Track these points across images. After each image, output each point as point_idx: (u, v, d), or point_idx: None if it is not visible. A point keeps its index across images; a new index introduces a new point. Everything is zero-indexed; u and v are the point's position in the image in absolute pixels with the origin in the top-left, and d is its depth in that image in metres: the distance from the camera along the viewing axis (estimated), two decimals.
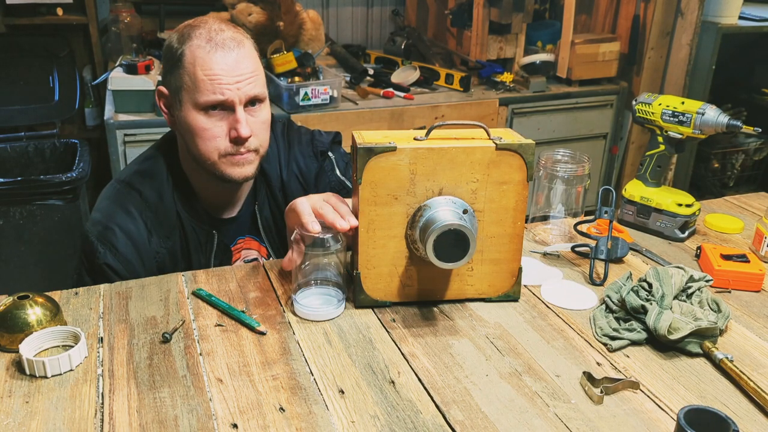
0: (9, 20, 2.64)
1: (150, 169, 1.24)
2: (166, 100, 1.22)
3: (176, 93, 1.17)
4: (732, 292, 1.13)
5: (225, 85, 1.12)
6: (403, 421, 0.80)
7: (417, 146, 0.96)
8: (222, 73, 1.12)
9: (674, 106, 1.29)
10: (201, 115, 1.14)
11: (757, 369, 0.92)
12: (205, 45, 1.13)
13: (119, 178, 1.26)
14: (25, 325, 0.90)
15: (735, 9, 2.87)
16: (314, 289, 1.04)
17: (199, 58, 1.12)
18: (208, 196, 1.27)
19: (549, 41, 2.92)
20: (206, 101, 1.13)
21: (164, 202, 1.22)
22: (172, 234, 1.23)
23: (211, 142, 1.15)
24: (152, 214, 1.21)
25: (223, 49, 1.13)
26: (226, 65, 1.12)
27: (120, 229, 1.17)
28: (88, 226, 1.20)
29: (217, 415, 0.80)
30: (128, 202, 1.20)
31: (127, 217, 1.19)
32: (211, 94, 1.12)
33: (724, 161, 3.32)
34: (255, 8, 2.55)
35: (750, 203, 1.53)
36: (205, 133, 1.15)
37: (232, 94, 1.13)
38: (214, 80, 1.12)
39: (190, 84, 1.13)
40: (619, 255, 1.19)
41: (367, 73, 2.67)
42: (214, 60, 1.12)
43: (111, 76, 2.18)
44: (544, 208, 1.29)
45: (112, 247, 1.16)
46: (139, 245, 1.19)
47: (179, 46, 1.15)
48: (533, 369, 0.91)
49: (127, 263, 1.17)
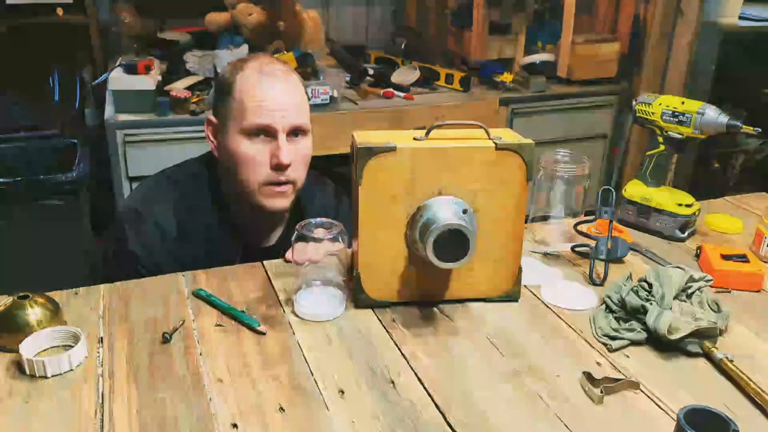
0: (9, 20, 2.64)
1: (197, 174, 1.28)
2: (213, 129, 1.25)
3: (224, 121, 1.21)
4: (732, 292, 1.13)
5: (270, 111, 1.17)
6: (403, 422, 0.80)
7: (417, 146, 0.96)
8: (269, 100, 1.17)
9: (674, 106, 1.29)
10: (245, 141, 1.18)
11: (757, 369, 0.92)
12: (255, 74, 1.19)
13: (166, 173, 1.30)
14: (25, 325, 0.90)
15: (735, 9, 2.87)
16: (316, 289, 1.04)
17: (248, 85, 1.18)
18: (244, 224, 1.29)
19: (549, 41, 2.91)
20: (250, 125, 1.17)
21: (202, 211, 1.25)
22: (200, 245, 1.24)
23: (253, 169, 1.19)
24: (187, 217, 1.23)
25: (272, 78, 1.18)
26: (274, 93, 1.18)
27: (152, 218, 1.21)
28: (124, 207, 1.25)
29: (217, 416, 0.80)
30: (169, 196, 1.24)
31: (164, 210, 1.22)
32: (256, 118, 1.16)
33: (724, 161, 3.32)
34: (255, 8, 2.55)
35: (750, 203, 1.53)
36: (247, 158, 1.18)
37: (275, 121, 1.17)
38: (260, 106, 1.17)
39: (238, 111, 1.18)
40: (619, 255, 1.19)
41: (367, 73, 2.67)
42: (263, 88, 1.17)
43: (111, 76, 2.18)
44: (544, 208, 1.28)
45: (141, 234, 1.20)
46: (167, 240, 1.21)
47: (231, 76, 1.20)
48: (533, 369, 0.91)
49: (150, 253, 1.19)
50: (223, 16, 2.65)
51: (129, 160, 2.15)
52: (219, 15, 2.66)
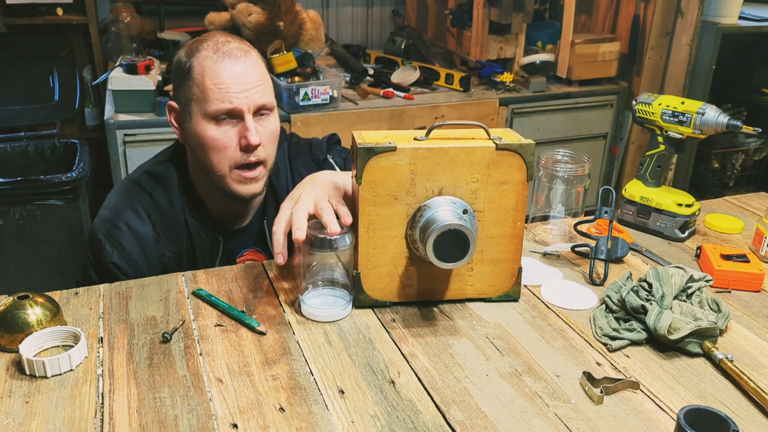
0: (9, 20, 2.64)
1: (161, 173, 1.25)
2: (176, 115, 1.23)
3: (186, 105, 1.18)
4: (732, 292, 1.13)
5: (233, 93, 1.13)
6: (403, 421, 0.80)
7: (417, 146, 0.96)
8: (230, 82, 1.13)
9: (674, 106, 1.29)
10: (211, 125, 1.15)
11: (757, 369, 0.92)
12: (212, 55, 1.15)
13: (130, 177, 1.27)
14: (25, 325, 0.90)
15: (735, 9, 2.87)
16: (321, 290, 1.04)
17: (207, 68, 1.14)
18: (217, 209, 1.28)
19: (549, 41, 2.92)
20: (215, 110, 1.14)
21: (173, 207, 1.23)
22: (179, 239, 1.23)
23: (222, 153, 1.16)
24: (161, 217, 1.22)
25: (230, 58, 1.15)
26: (234, 74, 1.14)
27: (128, 228, 1.19)
28: (97, 223, 1.21)
29: (217, 415, 0.80)
30: (138, 203, 1.21)
31: (136, 217, 1.20)
32: (219, 103, 1.14)
33: (724, 161, 3.32)
34: (255, 8, 2.55)
35: (750, 203, 1.53)
36: (215, 143, 1.16)
37: (240, 102, 1.14)
38: (222, 89, 1.13)
39: (200, 95, 1.15)
40: (619, 255, 1.19)
41: (367, 73, 2.67)
42: (222, 69, 1.14)
43: (111, 76, 2.18)
44: (544, 208, 1.29)
45: (119, 246, 1.18)
46: (146, 246, 1.20)
47: (187, 59, 1.17)
48: (533, 369, 0.91)
49: (133, 262, 1.18)
50: (223, 16, 2.65)
51: (129, 160, 2.15)
52: (219, 15, 2.66)
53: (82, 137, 2.70)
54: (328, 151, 1.38)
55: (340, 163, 1.36)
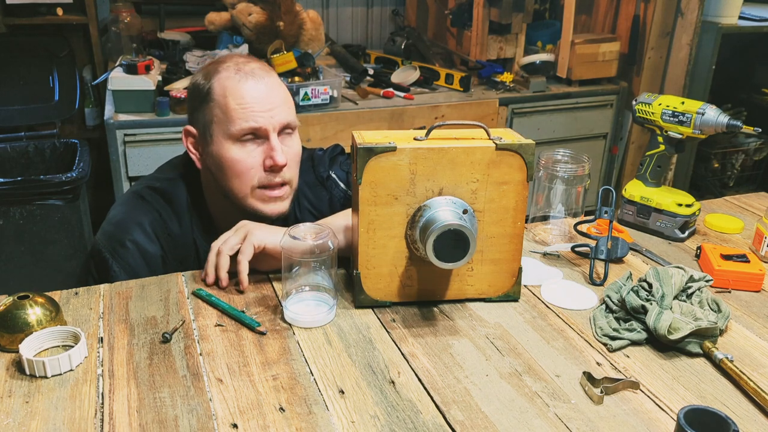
0: (9, 20, 2.64)
1: (170, 191, 1.22)
2: (194, 140, 1.20)
3: (206, 128, 1.15)
4: (732, 292, 1.13)
5: (258, 112, 1.12)
6: (403, 422, 0.80)
7: (417, 146, 0.96)
8: (254, 101, 1.12)
9: (674, 106, 1.29)
10: (235, 146, 1.13)
11: (757, 369, 0.92)
12: (234, 76, 1.13)
13: (136, 191, 1.22)
14: (25, 325, 0.90)
15: (735, 9, 2.87)
16: (305, 294, 1.03)
17: (229, 88, 1.12)
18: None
19: (549, 41, 2.92)
20: (240, 129, 1.12)
21: (182, 228, 1.20)
22: (187, 260, 1.21)
23: (246, 175, 1.14)
24: (169, 238, 1.19)
25: (253, 78, 1.13)
26: (258, 93, 1.12)
27: (136, 247, 1.15)
28: (101, 239, 1.17)
29: (217, 415, 0.80)
30: (145, 220, 1.18)
31: (144, 236, 1.16)
32: (244, 122, 1.12)
33: (724, 161, 3.32)
34: (255, 8, 2.55)
35: (750, 203, 1.53)
36: (239, 164, 1.13)
37: (265, 121, 1.12)
38: (246, 108, 1.11)
39: (222, 116, 1.13)
40: (619, 255, 1.19)
41: (367, 73, 2.67)
42: (246, 89, 1.12)
43: (111, 76, 2.18)
44: (544, 208, 1.29)
45: (126, 265, 1.14)
46: (154, 265, 1.17)
47: (206, 81, 1.15)
48: (533, 369, 0.91)
49: (137, 277, 1.14)
50: (223, 16, 2.65)
51: (129, 160, 2.15)
52: (219, 15, 2.66)
53: (82, 137, 2.70)
54: (331, 166, 1.35)
55: (342, 177, 1.34)
